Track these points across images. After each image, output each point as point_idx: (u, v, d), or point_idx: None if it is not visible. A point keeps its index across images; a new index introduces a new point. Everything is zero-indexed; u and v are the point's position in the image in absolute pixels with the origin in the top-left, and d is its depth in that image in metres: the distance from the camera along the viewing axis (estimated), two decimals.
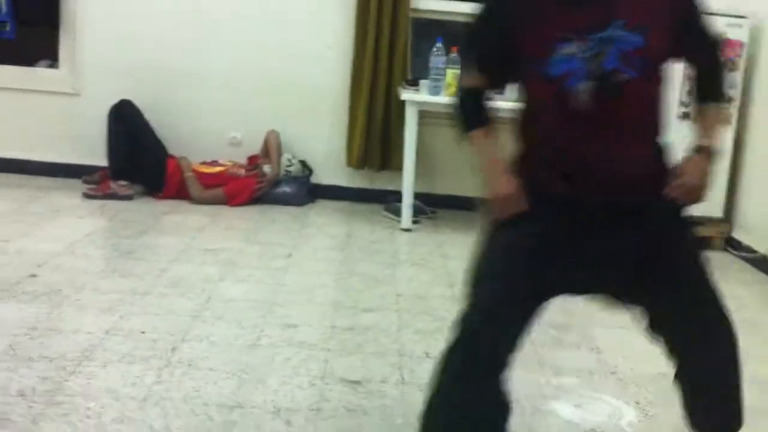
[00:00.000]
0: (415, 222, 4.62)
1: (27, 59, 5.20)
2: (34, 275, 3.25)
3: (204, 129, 5.10)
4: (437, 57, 4.46)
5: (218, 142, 5.11)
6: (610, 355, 2.90)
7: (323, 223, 4.58)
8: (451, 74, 4.43)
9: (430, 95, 4.49)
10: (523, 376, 2.61)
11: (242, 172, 4.91)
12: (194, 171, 4.84)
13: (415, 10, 4.98)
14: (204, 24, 4.99)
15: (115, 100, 4.81)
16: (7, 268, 3.31)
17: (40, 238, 3.81)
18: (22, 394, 2.26)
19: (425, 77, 4.58)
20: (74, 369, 2.42)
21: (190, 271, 3.48)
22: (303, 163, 5.05)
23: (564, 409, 2.48)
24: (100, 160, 4.81)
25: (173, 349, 2.63)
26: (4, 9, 4.92)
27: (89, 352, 2.55)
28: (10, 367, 2.41)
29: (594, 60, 1.66)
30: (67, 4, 4.99)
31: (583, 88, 1.66)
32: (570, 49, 1.66)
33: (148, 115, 4.93)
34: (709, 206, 4.11)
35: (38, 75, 5.16)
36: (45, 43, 5.18)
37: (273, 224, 4.49)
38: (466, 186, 5.15)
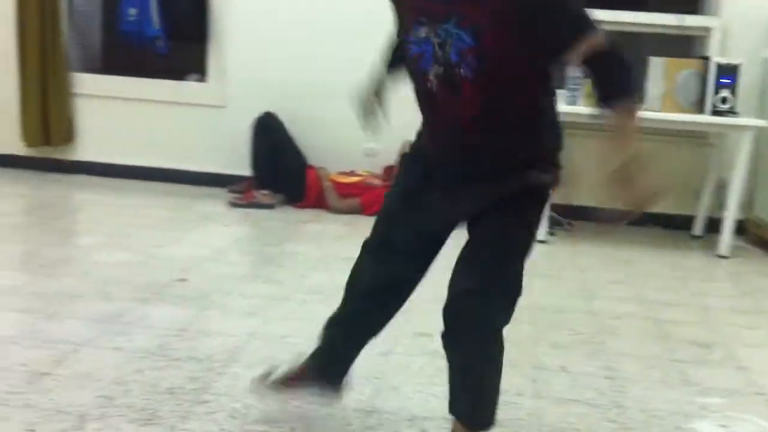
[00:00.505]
0: (551, 234, 4.56)
1: (177, 73, 5.50)
2: (183, 279, 3.43)
3: (342, 139, 5.23)
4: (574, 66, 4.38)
5: (355, 152, 5.22)
6: (758, 375, 2.77)
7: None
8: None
9: (567, 105, 4.43)
10: (665, 394, 2.55)
11: (378, 182, 5.00)
12: (331, 181, 4.98)
13: None
14: (343, 36, 5.12)
15: (258, 113, 5.01)
16: (159, 272, 3.51)
17: (189, 243, 4.02)
18: (171, 391, 2.39)
19: (561, 87, 4.52)
20: (220, 370, 2.54)
21: (328, 279, 3.58)
22: None
23: (709, 429, 2.39)
24: (245, 169, 5.03)
25: None
26: (157, 25, 5.23)
27: (234, 354, 2.67)
28: (160, 366, 2.55)
29: (442, 47, 1.69)
30: (215, 20, 5.24)
31: (433, 73, 1.73)
32: (422, 32, 1.71)
33: (289, 127, 5.11)
34: None
35: (188, 88, 5.45)
36: (194, 57, 5.46)
37: None
38: (605, 197, 5.04)
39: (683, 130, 4.81)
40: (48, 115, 5.38)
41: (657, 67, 4.44)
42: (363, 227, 4.72)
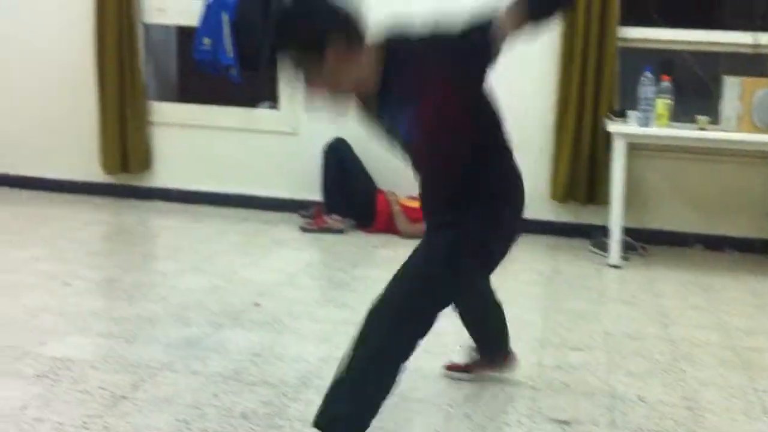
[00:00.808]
0: (624, 258, 4.48)
1: (250, 101, 5.62)
2: (257, 304, 3.49)
3: None
4: (646, 86, 4.33)
5: None
6: None
7: (528, 259, 4.56)
8: (662, 104, 4.30)
9: (639, 126, 4.37)
10: (747, 426, 2.48)
11: None
12: (401, 205, 5.00)
13: (623, 39, 4.87)
14: None
15: (329, 138, 5.08)
16: (234, 296, 3.58)
17: (262, 268, 4.08)
18: (245, 416, 2.43)
19: (633, 108, 4.47)
20: (293, 395, 2.57)
21: None
22: None
23: None
24: (315, 195, 5.09)
25: None
26: (231, 53, 5.35)
27: (307, 379, 2.70)
28: (235, 390, 2.60)
29: (393, 124, 2.15)
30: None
31: (398, 143, 2.25)
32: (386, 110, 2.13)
33: (359, 151, 5.15)
34: None
35: (260, 116, 5.55)
36: (266, 85, 5.57)
37: None
38: (679, 221, 4.95)
39: (761, 151, 4.69)
40: (126, 142, 5.55)
41: (732, 87, 4.34)
42: None
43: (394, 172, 5.21)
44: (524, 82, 5.02)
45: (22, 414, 2.34)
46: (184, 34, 5.83)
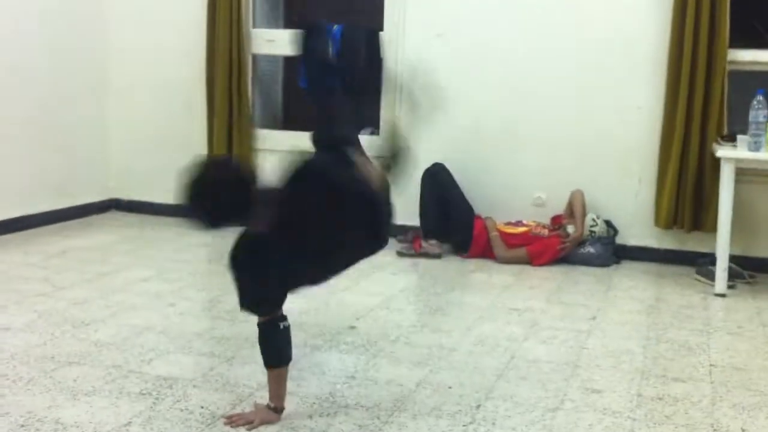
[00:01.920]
0: (730, 287, 4.32)
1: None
2: (353, 327, 3.53)
3: (510, 189, 5.23)
4: (758, 110, 4.19)
5: (523, 202, 5.21)
6: None
7: (629, 286, 4.45)
8: None
9: (749, 151, 4.22)
10: None
11: (545, 232, 4.94)
12: (498, 231, 4.98)
13: (733, 62, 4.73)
14: (514, 89, 5.15)
15: (428, 163, 5.10)
16: (331, 319, 3.64)
17: (359, 292, 4.13)
18: None
19: (743, 132, 4.32)
20: (387, 419, 2.59)
21: (495, 330, 3.57)
22: (608, 223, 4.97)
23: None
24: (413, 219, 5.12)
25: (478, 407, 2.71)
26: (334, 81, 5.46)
27: (401, 403, 2.71)
28: (330, 413, 2.63)
29: None
30: (388, 75, 5.42)
31: None
32: None
33: (458, 177, 5.17)
34: None
35: (363, 141, 5.62)
36: (369, 111, 5.65)
37: (577, 285, 4.46)
38: None
39: None
40: None
41: None
42: (530, 277, 4.72)
43: (492, 198, 5.22)
44: (630, 106, 4.94)
45: (126, 431, 2.44)
46: (290, 63, 6.00)
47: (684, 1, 4.67)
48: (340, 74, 4.23)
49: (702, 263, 4.61)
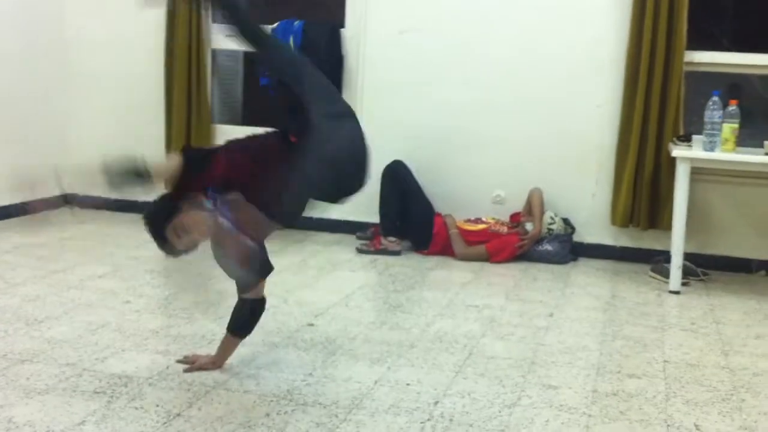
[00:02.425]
0: (684, 284, 4.39)
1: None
2: (312, 324, 3.52)
3: (470, 186, 5.25)
4: (713, 111, 4.25)
5: (482, 199, 5.24)
6: None
7: (586, 283, 4.50)
8: (728, 129, 4.21)
9: (704, 151, 4.29)
10: None
11: (504, 229, 4.98)
12: (458, 228, 4.99)
13: (689, 64, 4.80)
14: (475, 87, 5.17)
15: (388, 161, 5.10)
16: (289, 317, 3.62)
17: (318, 289, 4.12)
18: None
19: (699, 132, 4.39)
20: (345, 416, 2.58)
21: (454, 326, 3.58)
22: (566, 221, 5.01)
23: None
24: (373, 217, 5.12)
25: (436, 403, 2.71)
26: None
27: (359, 401, 2.71)
28: (288, 410, 2.62)
29: None
30: (348, 71, 5.41)
31: None
32: None
33: (418, 174, 5.17)
34: None
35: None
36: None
37: (535, 282, 4.49)
38: (743, 246, 4.83)
39: None
40: None
41: None
42: (489, 274, 4.74)
43: (452, 195, 5.24)
44: (589, 106, 4.99)
45: (80, 430, 2.40)
46: (251, 59, 5.94)
47: (643, 4, 4.73)
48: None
49: (657, 261, 4.68)
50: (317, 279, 4.32)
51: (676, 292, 4.31)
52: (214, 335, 3.27)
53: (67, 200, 5.45)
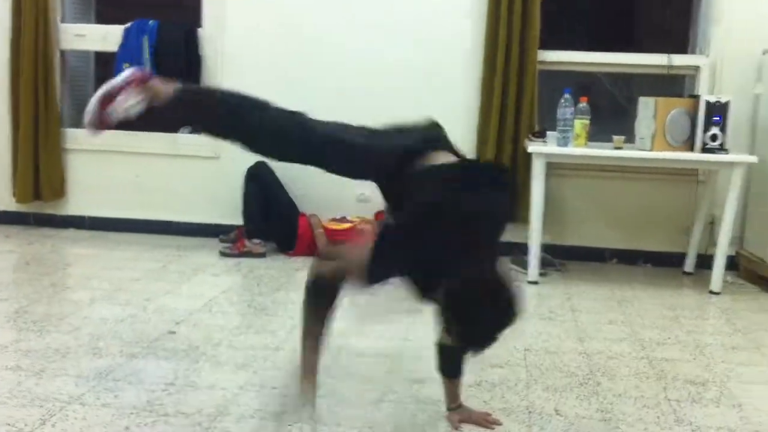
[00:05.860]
0: (542, 275, 4.55)
1: (171, 126, 5.52)
2: (172, 332, 3.41)
3: (334, 186, 5.21)
4: (565, 108, 4.42)
5: (347, 199, 5.23)
6: (754, 413, 2.74)
7: None
8: (580, 125, 4.39)
9: (558, 146, 4.45)
10: None
11: (369, 227, 5.00)
12: (324, 228, 4.98)
13: (542, 62, 4.97)
14: (339, 87, 5.16)
15: (251, 162, 5.02)
16: (148, 325, 3.49)
17: (179, 295, 4.00)
18: None
19: (553, 129, 4.55)
20: (209, 425, 2.51)
21: None
22: None
23: None
24: (236, 219, 5.02)
25: (303, 405, 2.67)
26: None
27: (224, 408, 2.64)
28: (148, 422, 2.51)
29: None
30: (207, 73, 5.29)
31: None
32: None
33: (281, 175, 5.12)
34: None
35: (180, 141, 5.46)
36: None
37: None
38: (596, 236, 5.06)
39: (673, 168, 4.83)
40: (39, 170, 5.40)
41: (647, 107, 4.46)
42: None
43: (316, 195, 5.21)
44: (446, 106, 5.07)
45: None
46: (103, 59, 5.72)
47: (497, 4, 4.86)
48: None
49: (516, 253, 4.82)
50: (178, 284, 4.19)
51: (535, 283, 4.46)
52: (68, 348, 3.11)
53: None
